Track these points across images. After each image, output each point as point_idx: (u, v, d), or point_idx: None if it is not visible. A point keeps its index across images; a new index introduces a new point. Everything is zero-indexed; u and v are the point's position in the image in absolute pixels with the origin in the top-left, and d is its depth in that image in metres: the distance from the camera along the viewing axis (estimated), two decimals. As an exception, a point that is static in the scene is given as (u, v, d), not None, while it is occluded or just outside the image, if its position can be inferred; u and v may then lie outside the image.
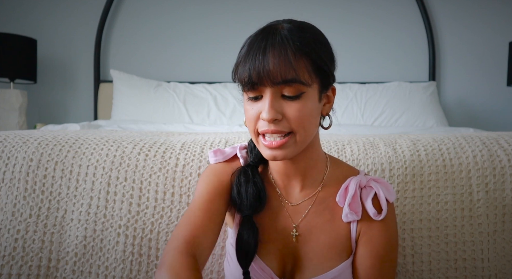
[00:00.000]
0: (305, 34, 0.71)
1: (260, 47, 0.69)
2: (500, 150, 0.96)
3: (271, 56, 0.68)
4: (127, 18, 2.96)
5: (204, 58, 2.91)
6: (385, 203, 0.76)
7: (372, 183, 0.78)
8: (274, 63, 0.67)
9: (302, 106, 0.70)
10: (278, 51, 0.68)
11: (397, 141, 1.01)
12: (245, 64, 0.70)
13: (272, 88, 0.69)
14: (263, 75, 0.68)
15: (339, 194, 0.77)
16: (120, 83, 2.68)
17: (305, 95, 0.70)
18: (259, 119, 0.71)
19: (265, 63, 0.68)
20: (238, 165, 0.82)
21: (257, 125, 0.72)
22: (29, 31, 2.87)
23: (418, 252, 0.90)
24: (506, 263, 0.90)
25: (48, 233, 0.91)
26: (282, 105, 0.70)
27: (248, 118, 0.74)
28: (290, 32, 0.70)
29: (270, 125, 0.70)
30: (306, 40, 0.70)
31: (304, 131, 0.71)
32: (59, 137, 1.01)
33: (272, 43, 0.69)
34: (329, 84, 0.75)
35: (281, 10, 2.74)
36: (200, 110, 2.54)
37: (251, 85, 0.70)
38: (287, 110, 0.70)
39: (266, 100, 0.70)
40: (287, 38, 0.69)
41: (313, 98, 0.72)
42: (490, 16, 2.84)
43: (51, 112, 2.98)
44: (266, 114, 0.69)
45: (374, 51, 2.88)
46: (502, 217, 0.91)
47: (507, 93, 2.86)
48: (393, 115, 2.48)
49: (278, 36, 0.69)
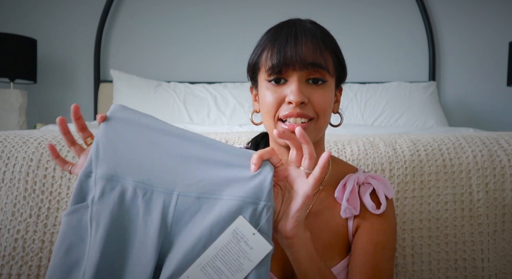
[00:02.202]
0: (326, 31, 0.76)
1: (291, 33, 0.72)
2: (500, 150, 0.96)
3: (304, 41, 0.71)
4: (127, 18, 2.96)
5: (204, 58, 2.91)
6: (384, 198, 0.76)
7: (370, 180, 0.78)
8: (307, 47, 0.70)
9: (325, 93, 0.73)
10: (310, 38, 0.71)
11: (397, 141, 1.01)
12: (274, 48, 0.72)
13: (299, 73, 0.71)
14: (294, 58, 0.70)
15: (337, 190, 0.78)
16: (120, 83, 2.68)
17: (327, 85, 0.73)
18: (281, 104, 0.72)
19: (297, 46, 0.70)
20: None
21: (278, 110, 0.73)
22: (29, 31, 2.87)
23: (418, 252, 0.90)
24: (506, 263, 0.90)
25: (48, 233, 0.91)
26: (308, 90, 0.72)
27: (268, 103, 0.74)
28: (314, 26, 0.74)
29: (296, 108, 0.71)
30: (329, 35, 0.75)
31: (324, 119, 0.74)
32: (59, 137, 1.01)
33: (304, 30, 0.72)
34: (340, 83, 0.79)
35: (281, 10, 2.74)
36: (200, 110, 2.54)
37: (280, 69, 0.71)
38: (312, 95, 0.72)
39: (292, 84, 0.71)
40: (314, 29, 0.73)
41: (332, 90, 0.75)
42: (490, 16, 2.84)
43: (51, 112, 2.98)
44: (294, 96, 0.70)
45: (374, 51, 2.88)
46: (502, 217, 0.91)
47: (507, 93, 2.86)
48: (393, 115, 2.48)
49: (307, 26, 0.73)
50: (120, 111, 0.66)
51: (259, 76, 0.76)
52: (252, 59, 0.76)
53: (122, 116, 0.65)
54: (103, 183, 0.62)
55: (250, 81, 0.81)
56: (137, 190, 0.62)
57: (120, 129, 0.65)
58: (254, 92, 0.81)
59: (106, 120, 0.65)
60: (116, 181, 0.62)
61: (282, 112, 0.72)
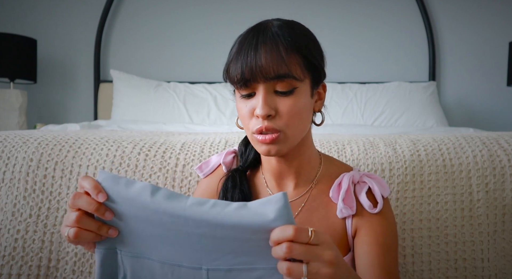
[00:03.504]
0: (295, 30, 0.72)
1: (252, 44, 0.69)
2: (500, 150, 0.96)
3: (263, 52, 0.68)
4: (127, 18, 2.96)
5: (204, 58, 2.91)
6: (380, 197, 0.76)
7: (365, 178, 0.78)
8: (266, 59, 0.68)
9: (295, 102, 0.70)
10: (269, 47, 0.69)
11: (397, 141, 1.01)
12: (237, 61, 0.70)
13: (265, 84, 0.69)
14: (255, 71, 0.68)
15: (332, 189, 0.77)
16: (120, 83, 2.68)
17: (297, 91, 0.71)
18: (252, 116, 0.72)
19: (257, 59, 0.68)
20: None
21: (249, 124, 0.72)
22: (29, 31, 2.87)
23: (418, 252, 0.90)
24: (506, 263, 0.90)
25: (48, 233, 0.91)
26: (275, 101, 0.70)
27: (242, 116, 0.74)
28: (280, 29, 0.71)
29: (264, 122, 0.70)
30: (297, 36, 0.71)
31: (295, 127, 0.72)
32: (59, 137, 1.01)
33: (264, 39, 0.69)
34: (320, 81, 0.76)
35: (281, 10, 2.75)
36: (200, 110, 2.54)
37: (244, 82, 0.70)
38: (280, 106, 0.70)
39: (259, 96, 0.70)
40: (278, 34, 0.70)
41: (305, 94, 0.72)
42: (490, 16, 2.84)
43: (51, 112, 2.98)
44: (260, 110, 0.69)
45: (374, 51, 2.88)
46: (502, 217, 0.91)
47: (507, 93, 2.86)
48: (393, 115, 2.48)
49: (269, 33, 0.70)
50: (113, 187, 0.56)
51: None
52: (224, 69, 0.75)
53: (116, 197, 0.57)
54: (131, 260, 0.57)
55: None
56: (164, 268, 0.57)
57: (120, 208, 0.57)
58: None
59: (108, 200, 0.57)
60: (143, 258, 0.57)
61: (253, 127, 0.71)
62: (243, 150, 0.84)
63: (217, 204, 0.53)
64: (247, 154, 0.83)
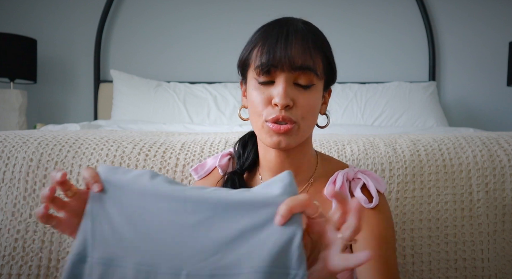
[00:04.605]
0: (318, 32, 0.75)
1: (282, 33, 0.70)
2: (500, 150, 0.96)
3: (294, 42, 0.69)
4: (127, 18, 2.96)
5: (204, 58, 2.91)
6: (375, 192, 0.76)
7: (359, 175, 0.78)
8: (296, 49, 0.69)
9: (312, 97, 0.72)
10: (300, 39, 0.70)
11: (397, 141, 1.01)
12: (264, 46, 0.71)
13: (287, 74, 0.70)
14: (283, 59, 0.69)
15: (327, 187, 0.77)
16: (120, 83, 2.68)
17: (314, 88, 0.72)
18: (268, 104, 0.71)
19: (287, 47, 0.69)
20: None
21: (263, 112, 0.72)
22: (29, 31, 2.86)
23: (418, 252, 0.90)
24: (506, 263, 0.90)
25: (48, 233, 0.91)
26: (294, 92, 0.71)
27: (254, 103, 0.73)
28: (306, 27, 0.73)
29: (282, 111, 0.70)
30: (320, 37, 0.74)
31: (308, 122, 0.73)
32: (59, 137, 1.01)
33: (295, 31, 0.71)
34: (329, 85, 0.78)
35: (281, 10, 2.73)
36: (200, 110, 2.54)
37: (268, 69, 0.70)
38: (298, 98, 0.71)
39: (279, 85, 0.70)
40: (306, 30, 0.72)
41: (319, 94, 0.74)
42: (490, 16, 2.84)
43: (51, 112, 2.98)
44: (280, 99, 0.69)
45: (374, 51, 2.88)
46: (502, 217, 0.91)
47: (507, 93, 2.86)
48: (393, 115, 2.48)
49: (299, 26, 0.72)
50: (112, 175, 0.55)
51: (248, 72, 0.76)
52: (243, 55, 0.75)
53: (115, 183, 0.54)
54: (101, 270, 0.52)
55: (240, 76, 0.81)
56: (138, 275, 0.52)
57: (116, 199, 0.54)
58: (244, 87, 0.81)
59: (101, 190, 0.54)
60: (115, 266, 0.53)
61: (268, 115, 0.71)
62: (241, 152, 0.84)
63: (219, 188, 0.54)
64: (245, 156, 0.83)
